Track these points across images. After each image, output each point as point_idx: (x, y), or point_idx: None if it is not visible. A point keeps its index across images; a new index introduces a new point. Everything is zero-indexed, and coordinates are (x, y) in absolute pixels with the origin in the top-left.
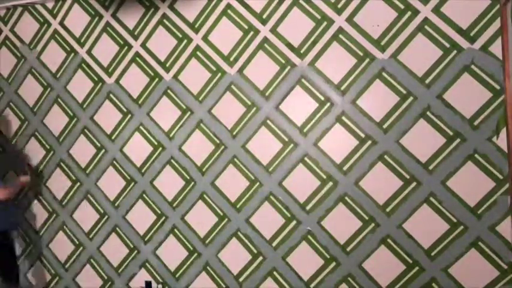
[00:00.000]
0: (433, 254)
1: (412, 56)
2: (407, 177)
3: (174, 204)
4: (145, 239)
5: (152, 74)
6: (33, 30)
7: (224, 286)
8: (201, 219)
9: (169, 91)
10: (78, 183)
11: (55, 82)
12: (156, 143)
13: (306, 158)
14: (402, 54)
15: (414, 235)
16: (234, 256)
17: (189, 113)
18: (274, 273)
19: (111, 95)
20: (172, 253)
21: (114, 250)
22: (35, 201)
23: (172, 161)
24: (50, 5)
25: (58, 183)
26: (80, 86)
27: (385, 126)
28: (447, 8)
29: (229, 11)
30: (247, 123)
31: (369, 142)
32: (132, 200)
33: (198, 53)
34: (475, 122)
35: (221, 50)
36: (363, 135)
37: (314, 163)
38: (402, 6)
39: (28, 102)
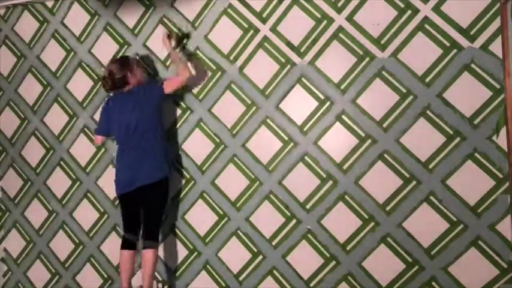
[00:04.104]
0: (432, 252)
1: (412, 54)
2: (407, 176)
3: (174, 203)
4: None
5: (152, 73)
6: (33, 29)
7: (224, 285)
8: (201, 218)
9: None
10: (78, 182)
11: (55, 81)
12: None
13: (305, 157)
14: (402, 53)
15: (414, 234)
16: (234, 255)
17: (189, 111)
18: (274, 272)
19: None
20: (172, 252)
21: (114, 249)
22: (35, 200)
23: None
24: (49, 4)
25: (58, 182)
26: (79, 85)
27: (385, 125)
28: (447, 6)
29: (229, 10)
30: (247, 122)
31: (369, 141)
32: None
33: (197, 52)
34: (475, 121)
35: (221, 49)
36: (362, 134)
37: (314, 162)
38: (402, 5)
39: (28, 101)
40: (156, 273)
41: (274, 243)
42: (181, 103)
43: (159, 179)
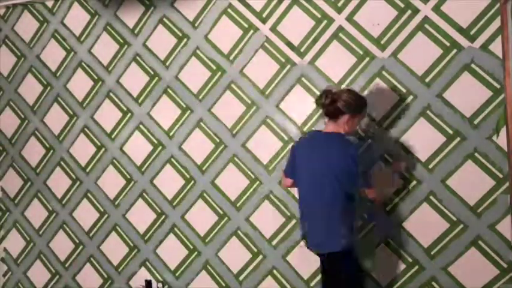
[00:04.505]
0: (432, 252)
1: (412, 54)
2: (407, 176)
3: (174, 203)
4: (145, 238)
5: (152, 72)
6: (33, 29)
7: (224, 285)
8: (201, 218)
9: (169, 90)
10: (78, 182)
11: (55, 81)
12: (156, 142)
13: None
14: (402, 53)
15: (414, 234)
16: (234, 255)
17: (189, 111)
18: (274, 271)
19: (111, 94)
20: (172, 252)
21: (114, 249)
22: (35, 200)
23: (172, 159)
24: (49, 4)
25: (58, 182)
26: (79, 84)
27: (384, 125)
28: (447, 6)
29: (229, 10)
30: (247, 122)
31: (369, 141)
32: (132, 199)
33: (198, 51)
34: (475, 121)
35: (221, 49)
36: (362, 134)
37: None
38: (402, 5)
39: (28, 101)
40: (157, 274)
41: (274, 243)
42: (182, 103)
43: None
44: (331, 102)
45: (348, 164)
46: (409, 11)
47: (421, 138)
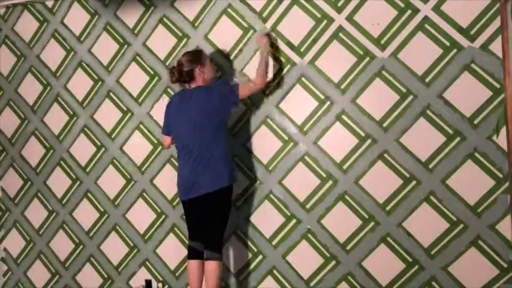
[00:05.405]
0: (432, 252)
1: (412, 54)
2: (407, 175)
3: (174, 203)
4: (145, 238)
5: (152, 72)
6: (33, 29)
7: (224, 285)
8: None
9: (169, 90)
10: (78, 182)
11: (55, 81)
12: (155, 142)
13: (305, 157)
14: (402, 53)
15: (414, 234)
16: (234, 255)
17: None
18: (274, 271)
19: (111, 94)
20: (172, 252)
21: (114, 249)
22: (34, 200)
23: (172, 159)
24: (49, 4)
25: (58, 182)
26: (79, 84)
27: (385, 124)
28: (447, 6)
29: (229, 10)
30: (247, 122)
31: (369, 141)
32: (132, 199)
33: None
34: (475, 121)
35: (221, 49)
36: (362, 134)
37: (314, 162)
38: (402, 5)
39: (28, 100)
40: (157, 273)
41: (274, 242)
42: None
43: (220, 188)
44: (180, 73)
45: (227, 101)
46: (409, 11)
47: (421, 138)
